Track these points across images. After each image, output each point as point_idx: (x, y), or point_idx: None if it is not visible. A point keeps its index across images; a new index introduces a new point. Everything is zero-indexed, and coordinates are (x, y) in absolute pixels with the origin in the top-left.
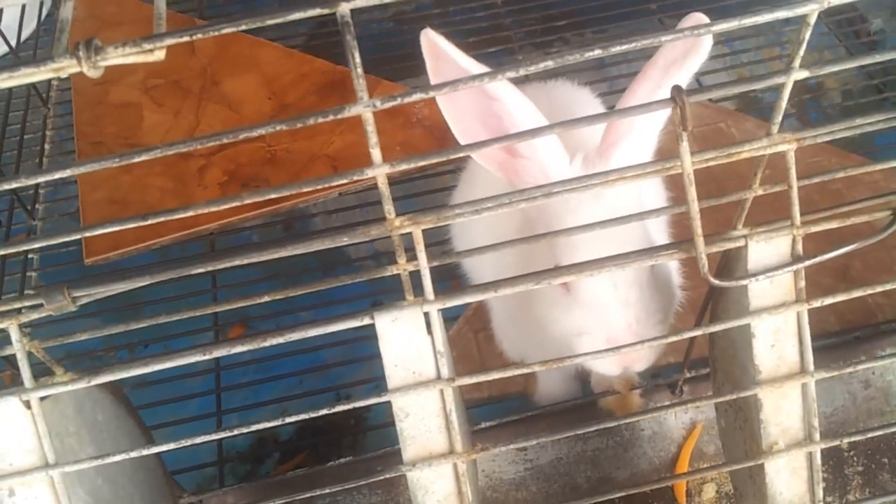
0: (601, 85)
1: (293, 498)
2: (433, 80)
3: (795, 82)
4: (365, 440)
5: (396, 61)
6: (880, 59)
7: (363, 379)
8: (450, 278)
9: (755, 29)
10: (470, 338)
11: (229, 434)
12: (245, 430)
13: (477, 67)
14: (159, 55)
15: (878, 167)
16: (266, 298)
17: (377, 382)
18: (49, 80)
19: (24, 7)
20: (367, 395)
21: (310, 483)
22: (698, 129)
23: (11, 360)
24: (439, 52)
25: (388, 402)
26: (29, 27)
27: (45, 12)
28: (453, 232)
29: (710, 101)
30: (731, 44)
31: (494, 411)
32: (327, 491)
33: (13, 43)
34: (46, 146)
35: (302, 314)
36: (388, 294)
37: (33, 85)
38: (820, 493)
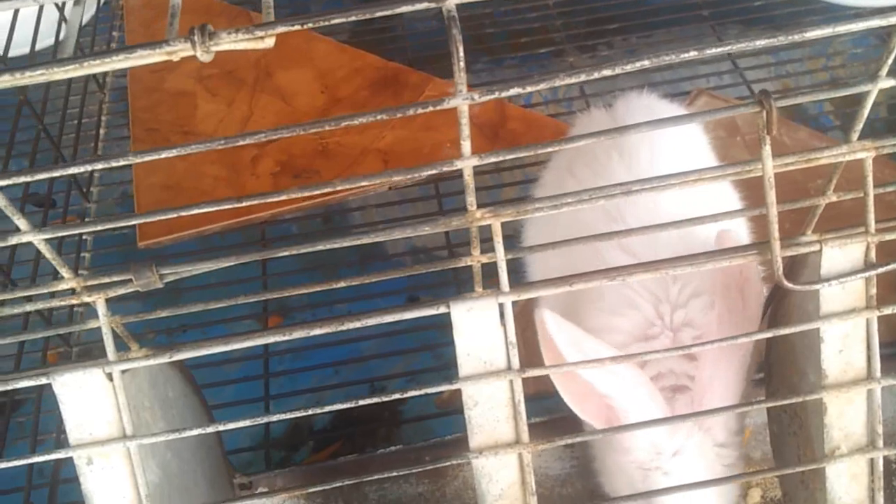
0: None
1: (341, 483)
2: (546, 354)
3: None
4: (400, 432)
5: (443, 59)
6: None
7: (398, 372)
8: (488, 276)
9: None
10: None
11: (303, 413)
12: (319, 411)
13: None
14: (269, 42)
15: None
16: (342, 284)
17: (412, 376)
18: None
19: None
20: (402, 388)
21: (358, 469)
22: (751, 136)
23: (64, 338)
24: (550, 339)
25: (426, 397)
26: (88, 13)
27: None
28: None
29: None
30: (777, 54)
31: (537, 408)
32: (375, 478)
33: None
34: (102, 131)
35: (338, 307)
36: (423, 290)
37: None
38: (881, 500)
